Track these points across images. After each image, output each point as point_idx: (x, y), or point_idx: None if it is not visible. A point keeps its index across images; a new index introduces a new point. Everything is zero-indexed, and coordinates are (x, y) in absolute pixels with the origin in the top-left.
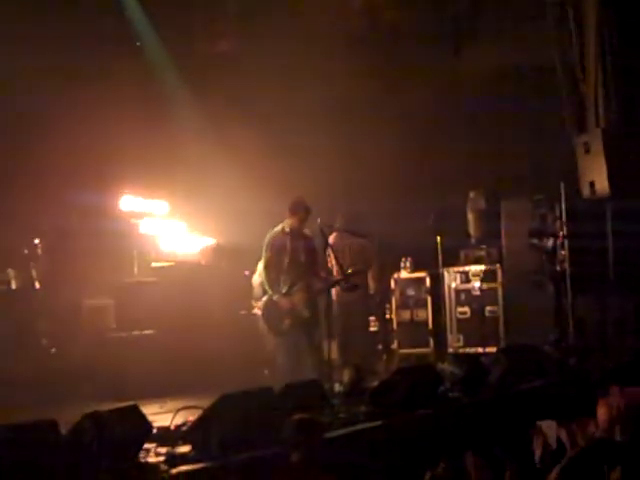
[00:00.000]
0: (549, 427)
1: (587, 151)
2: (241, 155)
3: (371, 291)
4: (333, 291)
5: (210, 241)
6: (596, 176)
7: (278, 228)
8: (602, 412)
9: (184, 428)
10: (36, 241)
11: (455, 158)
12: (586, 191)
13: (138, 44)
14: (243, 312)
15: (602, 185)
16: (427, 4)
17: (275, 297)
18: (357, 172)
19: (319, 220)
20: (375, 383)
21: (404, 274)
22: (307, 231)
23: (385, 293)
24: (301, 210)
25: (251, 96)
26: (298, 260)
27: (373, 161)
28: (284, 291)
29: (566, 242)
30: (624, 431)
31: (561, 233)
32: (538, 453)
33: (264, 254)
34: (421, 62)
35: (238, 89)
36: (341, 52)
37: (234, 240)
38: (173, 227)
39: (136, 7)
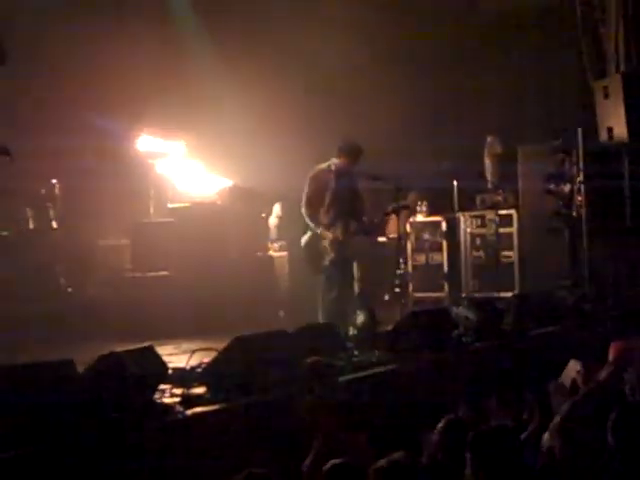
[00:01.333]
0: (573, 366)
1: (606, 96)
2: (259, 95)
3: (394, 234)
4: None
5: (227, 182)
6: (614, 121)
7: (323, 165)
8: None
9: (199, 369)
10: (53, 181)
11: (473, 102)
12: (604, 136)
13: None
14: (259, 254)
15: (621, 130)
16: None
17: (319, 230)
18: (374, 114)
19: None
20: (389, 327)
21: (420, 218)
22: (354, 173)
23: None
24: (353, 151)
25: (269, 34)
26: (340, 199)
27: (390, 104)
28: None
29: (582, 187)
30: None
31: (578, 178)
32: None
33: (305, 189)
34: (436, 7)
35: (256, 26)
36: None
37: (251, 181)
38: (190, 168)
39: None
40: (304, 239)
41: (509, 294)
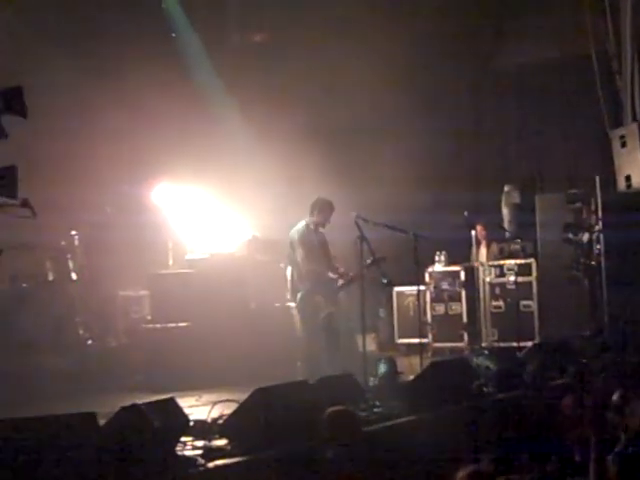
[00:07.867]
0: None
1: (623, 145)
2: (278, 147)
3: None
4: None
5: (246, 233)
6: (632, 169)
7: (302, 224)
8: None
9: (220, 421)
10: (73, 233)
11: (490, 152)
12: (622, 184)
13: (173, 35)
14: (278, 304)
15: (638, 178)
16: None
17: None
18: (392, 166)
19: (354, 213)
20: (410, 377)
21: (438, 267)
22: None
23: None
24: (328, 207)
25: (287, 87)
26: (319, 254)
27: (409, 155)
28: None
29: (601, 236)
30: None
31: (596, 227)
32: None
33: (301, 250)
34: (456, 58)
35: (274, 79)
36: (373, 43)
37: (270, 232)
38: (209, 219)
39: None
40: (299, 295)
41: (529, 343)
